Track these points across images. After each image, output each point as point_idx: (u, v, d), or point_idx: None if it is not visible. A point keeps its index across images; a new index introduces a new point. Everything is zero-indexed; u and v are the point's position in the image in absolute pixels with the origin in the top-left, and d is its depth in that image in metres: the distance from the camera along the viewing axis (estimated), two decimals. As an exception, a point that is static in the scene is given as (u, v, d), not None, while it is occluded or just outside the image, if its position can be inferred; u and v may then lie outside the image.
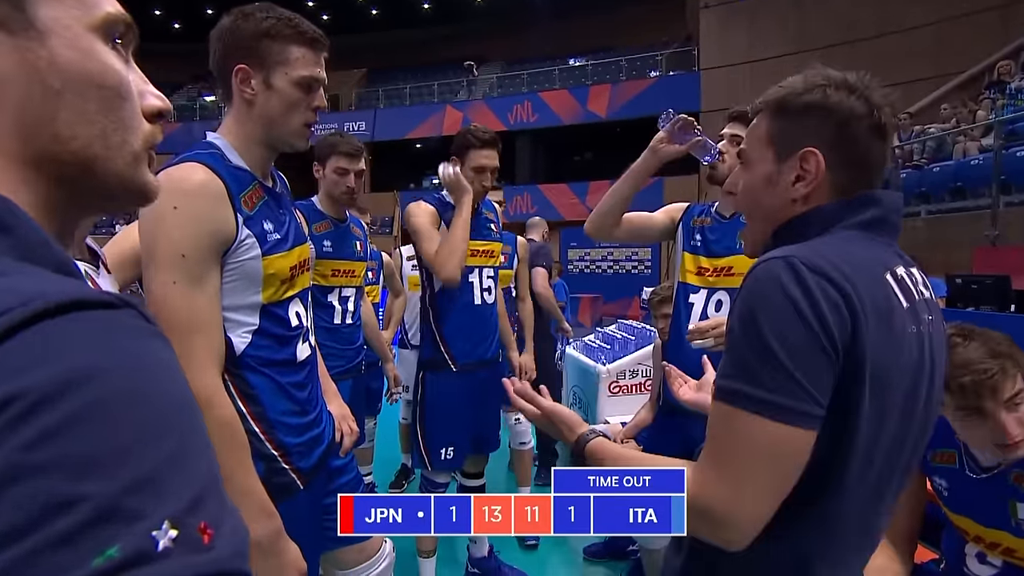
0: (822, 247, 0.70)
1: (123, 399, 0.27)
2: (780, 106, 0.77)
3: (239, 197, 1.04)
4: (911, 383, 0.70)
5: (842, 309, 0.64)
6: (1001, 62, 7.68)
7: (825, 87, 0.74)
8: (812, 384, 0.64)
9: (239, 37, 1.05)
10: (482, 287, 2.12)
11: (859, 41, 10.89)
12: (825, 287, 0.64)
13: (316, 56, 1.10)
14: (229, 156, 1.08)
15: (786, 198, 0.77)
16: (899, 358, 0.68)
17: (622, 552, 2.47)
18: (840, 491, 0.69)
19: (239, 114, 1.10)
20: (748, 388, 0.65)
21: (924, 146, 7.50)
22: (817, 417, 0.64)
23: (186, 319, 0.98)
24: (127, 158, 0.40)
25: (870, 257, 0.71)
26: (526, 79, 17.00)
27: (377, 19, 20.82)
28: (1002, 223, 5.67)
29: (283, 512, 1.05)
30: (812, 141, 0.74)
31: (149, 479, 0.26)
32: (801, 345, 0.63)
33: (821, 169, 0.74)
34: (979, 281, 3.69)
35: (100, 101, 0.38)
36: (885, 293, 0.68)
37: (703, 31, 13.97)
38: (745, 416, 0.65)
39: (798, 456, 0.65)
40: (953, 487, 1.24)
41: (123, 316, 0.31)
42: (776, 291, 0.65)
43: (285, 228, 1.14)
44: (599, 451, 0.82)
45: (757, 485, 0.65)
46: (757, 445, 0.64)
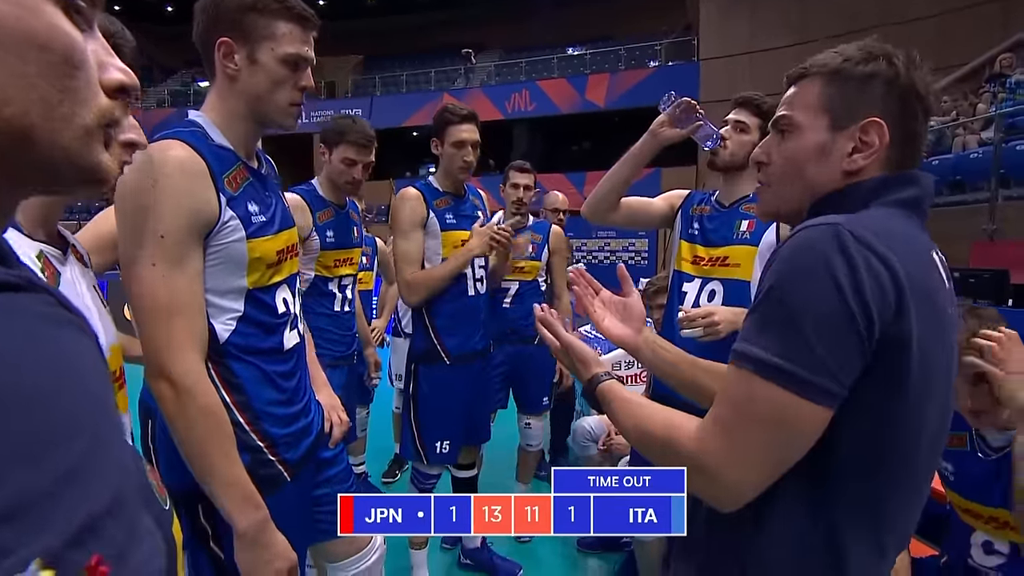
0: (868, 219, 0.66)
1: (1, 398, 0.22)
2: (839, 72, 0.73)
3: (222, 177, 1.01)
4: (948, 365, 0.69)
5: (886, 284, 0.61)
6: (1002, 55, 7.66)
7: (890, 57, 0.71)
8: (834, 360, 0.61)
9: (224, 9, 1.01)
10: (475, 277, 2.09)
11: (861, 32, 10.56)
12: (870, 260, 0.61)
13: (304, 34, 1.07)
14: (211, 134, 1.04)
15: (837, 169, 0.73)
16: (943, 337, 0.67)
17: (616, 544, 2.48)
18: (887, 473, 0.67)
19: (222, 90, 1.06)
20: (766, 354, 0.63)
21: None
22: (834, 395, 0.62)
23: (165, 302, 0.94)
24: (76, 131, 0.35)
25: (914, 235, 0.69)
26: (524, 67, 16.88)
27: (374, 5, 20.59)
28: (1000, 217, 5.67)
29: (270, 505, 1.03)
30: (875, 110, 0.71)
31: (17, 503, 0.21)
32: (831, 319, 0.61)
33: (885, 141, 0.71)
34: (977, 275, 3.70)
35: (42, 65, 0.33)
36: (931, 271, 0.67)
37: (703, 20, 13.87)
38: (759, 381, 0.63)
39: (806, 430, 0.63)
40: (961, 470, 1.24)
41: (28, 300, 0.27)
42: (816, 260, 0.62)
43: (272, 211, 1.11)
44: (608, 392, 0.81)
45: (758, 451, 0.64)
46: (766, 412, 0.63)
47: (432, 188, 2.05)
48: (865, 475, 0.66)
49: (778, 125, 0.78)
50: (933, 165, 7.08)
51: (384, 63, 19.55)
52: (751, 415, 0.64)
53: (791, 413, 0.62)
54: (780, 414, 0.62)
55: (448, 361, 2.07)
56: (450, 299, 2.06)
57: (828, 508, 0.67)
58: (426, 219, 2.01)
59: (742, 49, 12.95)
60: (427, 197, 2.02)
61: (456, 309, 2.07)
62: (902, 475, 0.68)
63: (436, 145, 2.03)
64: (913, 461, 0.68)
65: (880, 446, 0.66)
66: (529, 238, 2.67)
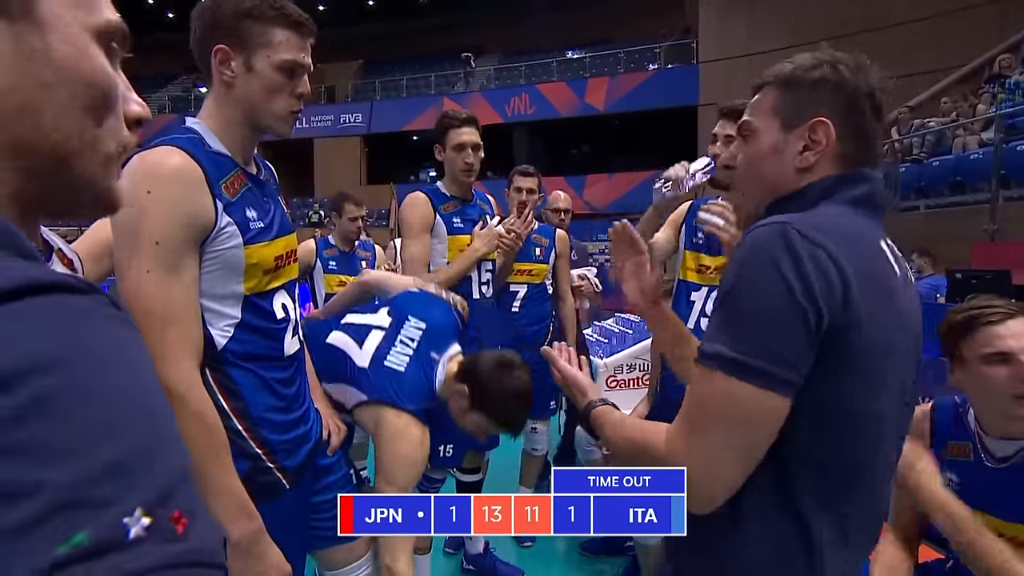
0: (816, 217, 0.71)
1: (83, 387, 0.27)
2: (789, 79, 0.80)
3: (219, 183, 1.00)
4: (903, 352, 0.72)
5: (832, 276, 0.65)
6: (1001, 56, 7.67)
7: (835, 63, 0.77)
8: (789, 352, 0.65)
9: (219, 16, 1.01)
10: (480, 280, 2.10)
11: (858, 34, 10.84)
12: (816, 254, 0.66)
13: (301, 40, 1.06)
14: (208, 141, 1.04)
15: (791, 167, 0.79)
16: (899, 324, 0.70)
17: (619, 548, 2.47)
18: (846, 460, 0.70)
19: (219, 97, 1.06)
20: (726, 351, 0.67)
21: (923, 140, 7.49)
22: (791, 384, 0.66)
23: (160, 309, 0.93)
24: (100, 159, 0.40)
25: (862, 228, 0.73)
26: (524, 71, 16.93)
27: (373, 10, 20.67)
28: (1001, 217, 5.67)
29: (269, 512, 1.02)
30: (823, 111, 0.76)
31: (118, 467, 0.26)
32: (782, 314, 0.65)
33: (832, 138, 0.76)
34: (979, 276, 3.69)
35: (87, 99, 0.38)
36: (881, 261, 0.71)
37: (702, 24, 13.92)
38: (721, 378, 0.67)
39: (768, 420, 0.67)
40: (967, 481, 1.22)
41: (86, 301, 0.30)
42: (765, 258, 0.66)
43: (270, 216, 1.10)
44: (600, 416, 0.88)
45: (728, 448, 0.67)
46: (731, 407, 0.66)
47: (440, 193, 2.07)
48: (826, 463, 0.70)
49: (741, 131, 0.85)
50: (933, 166, 7.09)
51: (384, 68, 19.62)
52: (716, 411, 0.68)
53: (753, 404, 0.66)
54: (743, 407, 0.66)
55: None
56: None
57: (795, 500, 0.70)
58: (433, 223, 2.03)
59: (740, 52, 12.99)
60: (434, 201, 2.03)
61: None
62: (862, 461, 0.72)
63: (439, 151, 2.05)
64: (872, 446, 0.72)
65: (837, 432, 0.69)
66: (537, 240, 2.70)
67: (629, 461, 0.81)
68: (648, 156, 14.27)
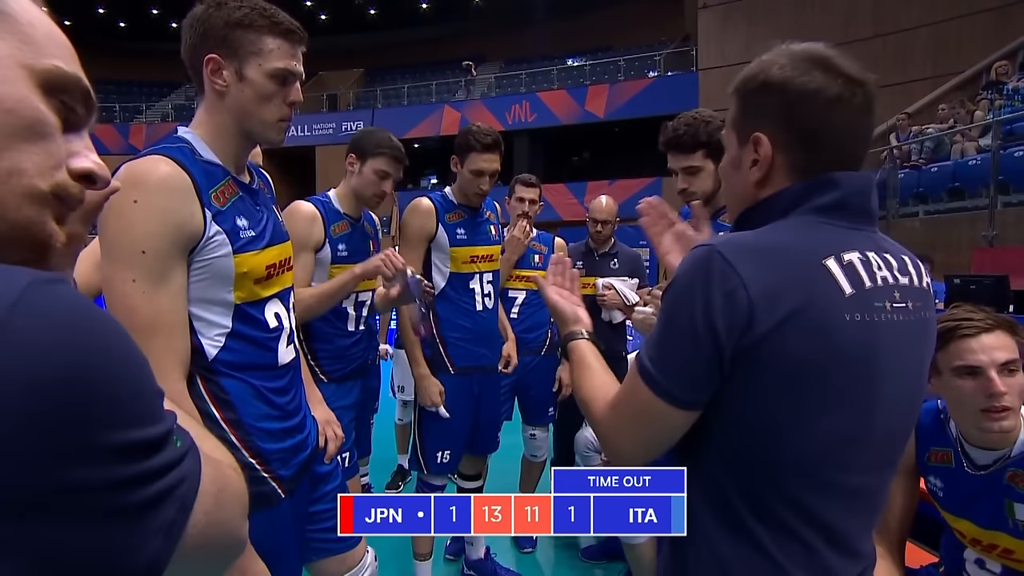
0: (754, 235, 0.72)
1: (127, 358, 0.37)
2: (739, 90, 0.78)
3: (208, 192, 1.00)
4: (854, 371, 0.68)
5: (739, 299, 0.66)
6: (998, 62, 7.70)
7: (778, 65, 0.73)
8: (687, 371, 0.70)
9: (211, 26, 1.02)
10: (483, 293, 2.09)
11: (856, 41, 10.90)
12: (728, 277, 0.67)
13: (292, 48, 1.06)
14: (199, 150, 1.04)
15: (748, 182, 0.78)
16: (826, 346, 0.67)
17: (619, 554, 2.46)
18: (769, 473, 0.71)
19: (211, 106, 1.06)
20: (645, 359, 0.73)
21: (922, 146, 7.51)
22: (683, 400, 0.71)
23: (146, 320, 0.93)
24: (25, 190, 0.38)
25: (809, 244, 0.70)
26: (524, 79, 16.99)
27: (375, 19, 20.78)
28: (1000, 223, 5.68)
29: (264, 522, 1.01)
30: (763, 123, 0.75)
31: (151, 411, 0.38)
32: (687, 334, 0.69)
33: (767, 153, 0.74)
34: (977, 281, 3.70)
35: (6, 127, 0.38)
36: (813, 281, 0.67)
37: (701, 31, 13.98)
38: (638, 380, 0.73)
39: (668, 425, 0.73)
40: (949, 487, 1.23)
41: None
42: (685, 282, 0.70)
43: (262, 225, 1.10)
44: (574, 350, 0.91)
45: (634, 432, 0.76)
46: (639, 406, 0.74)
47: (447, 200, 2.06)
48: (748, 475, 0.72)
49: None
50: (932, 172, 7.11)
51: (385, 76, 19.70)
52: (629, 403, 0.76)
53: (653, 409, 0.72)
54: (647, 408, 0.72)
55: (452, 371, 2.08)
56: (457, 314, 2.07)
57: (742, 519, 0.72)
58: (434, 233, 2.01)
59: (740, 59, 13.01)
60: (439, 210, 2.01)
61: (463, 323, 2.07)
62: (791, 475, 0.70)
63: (455, 163, 2.01)
64: (800, 461, 0.70)
65: (751, 447, 0.71)
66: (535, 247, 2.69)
67: (576, 399, 0.88)
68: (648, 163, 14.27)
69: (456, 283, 2.06)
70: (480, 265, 2.08)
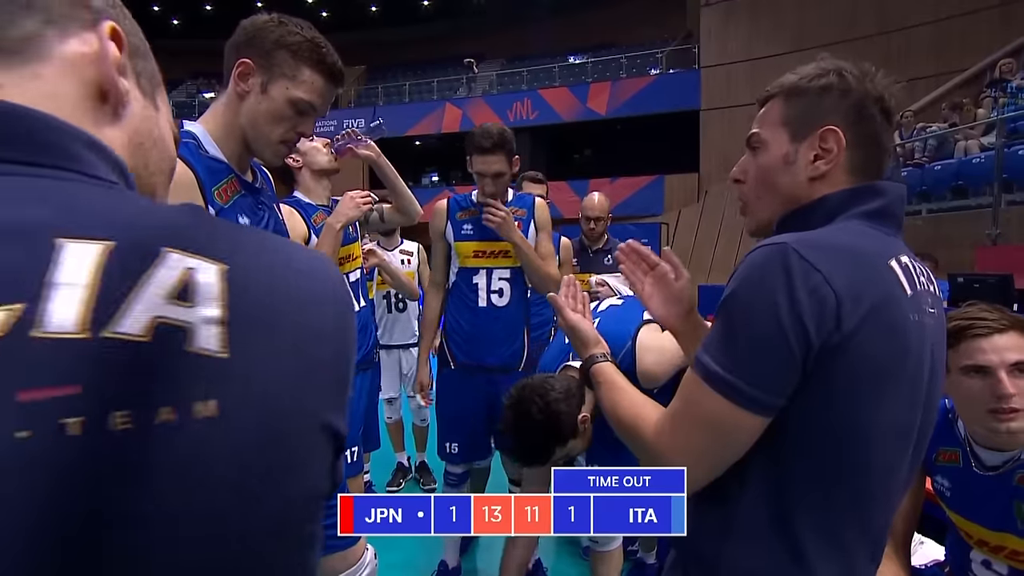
0: (823, 235, 0.72)
1: None
2: (795, 90, 0.80)
3: (212, 189, 1.01)
4: (913, 371, 0.71)
5: (826, 299, 0.65)
6: (1002, 60, 7.66)
7: (840, 71, 0.77)
8: (768, 375, 0.67)
9: (262, 38, 1.04)
10: (490, 289, 2.08)
11: (859, 39, 10.86)
12: (810, 276, 0.66)
13: (325, 87, 1.08)
14: (206, 146, 1.05)
15: (804, 177, 0.78)
16: (899, 345, 0.69)
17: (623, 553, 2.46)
18: (841, 476, 0.70)
19: (229, 103, 1.07)
20: (713, 364, 0.69)
21: (925, 144, 7.48)
22: (767, 405, 0.68)
23: None
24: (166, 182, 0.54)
25: (872, 245, 0.72)
26: (526, 76, 16.96)
27: (376, 16, 20.77)
28: (1004, 222, 5.66)
29: None
30: (831, 119, 0.76)
31: None
32: (766, 337, 0.66)
33: (842, 145, 0.76)
34: (981, 280, 3.69)
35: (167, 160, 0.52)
36: (885, 280, 0.70)
37: (703, 29, 13.93)
38: (704, 387, 0.70)
39: (743, 435, 0.70)
40: (956, 487, 1.23)
41: None
42: (761, 280, 0.68)
43: (263, 224, 1.11)
44: (599, 373, 0.89)
45: (700, 447, 0.71)
46: (706, 415, 0.70)
47: (466, 199, 2.12)
48: (818, 481, 0.70)
49: (750, 143, 0.84)
50: (935, 170, 7.08)
51: (387, 73, 19.68)
52: (696, 416, 0.71)
53: (728, 418, 0.68)
54: (718, 418, 0.69)
55: (453, 366, 2.09)
56: (461, 308, 2.08)
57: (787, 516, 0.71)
58: (444, 230, 2.09)
59: (742, 57, 13.00)
60: (451, 208, 2.10)
61: (465, 318, 2.08)
62: (856, 482, 0.71)
63: (469, 164, 2.07)
64: (868, 466, 0.71)
65: (827, 451, 0.70)
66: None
67: (610, 422, 0.84)
68: (651, 161, 14.27)
69: (462, 277, 2.10)
70: (487, 260, 2.07)
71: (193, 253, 0.30)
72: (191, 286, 0.29)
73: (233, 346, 0.29)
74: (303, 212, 1.88)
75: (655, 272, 1.03)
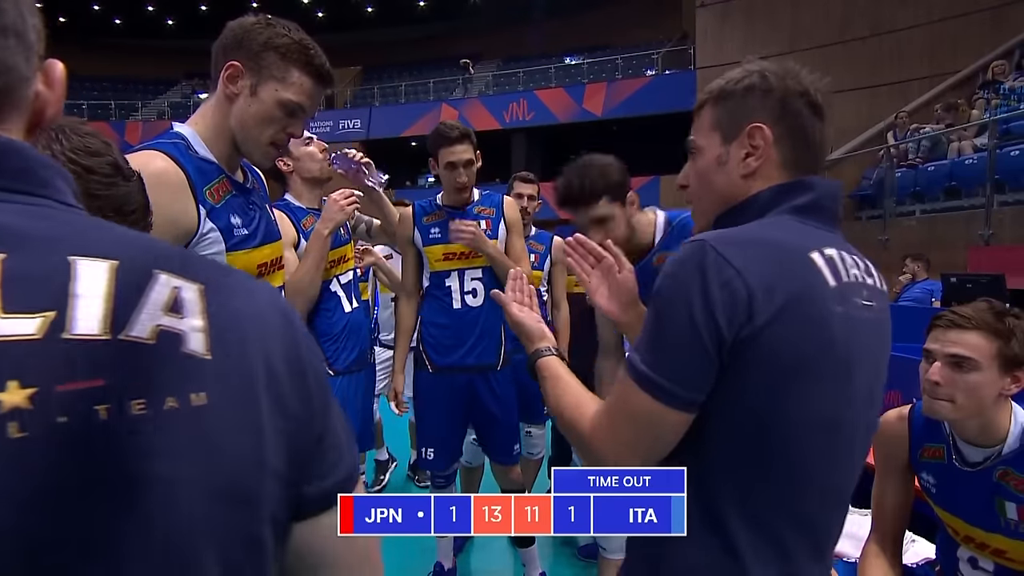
0: (743, 231, 0.74)
1: None
2: (722, 94, 0.82)
3: (203, 189, 1.01)
4: (839, 363, 0.71)
5: (736, 290, 0.67)
6: (995, 62, 7.72)
7: (763, 71, 0.80)
8: (686, 370, 0.69)
9: (250, 41, 1.03)
10: (463, 290, 2.07)
11: (853, 41, 10.93)
12: (724, 269, 0.67)
13: (314, 89, 1.08)
14: (196, 147, 1.04)
15: (737, 175, 0.80)
16: (819, 337, 0.69)
17: (619, 551, 2.47)
18: (763, 469, 0.71)
19: (218, 105, 1.07)
20: (639, 362, 0.71)
21: (918, 145, 7.54)
22: (688, 401, 0.70)
23: None
24: None
25: (794, 239, 0.73)
26: (522, 77, 16.98)
27: (372, 16, 20.74)
28: (996, 222, 5.70)
29: None
30: (757, 117, 0.79)
31: None
32: (682, 333, 0.68)
33: (768, 140, 0.78)
34: (974, 280, 3.71)
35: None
36: (804, 273, 0.71)
37: (699, 30, 13.98)
38: (632, 385, 0.72)
39: (668, 430, 0.72)
40: (941, 483, 1.24)
41: None
42: (679, 278, 0.70)
43: (254, 224, 1.11)
44: (544, 368, 0.89)
45: (630, 441, 0.73)
46: (636, 413, 0.72)
47: (431, 204, 2.10)
48: (740, 472, 0.72)
49: (688, 150, 0.87)
50: (928, 171, 7.13)
51: (383, 74, 19.67)
52: (625, 412, 0.74)
53: (653, 414, 0.71)
54: (645, 415, 0.71)
55: (431, 370, 2.08)
56: (435, 310, 2.07)
57: (718, 512, 0.72)
58: (411, 235, 2.07)
59: (737, 58, 12.80)
60: (417, 214, 2.08)
61: (440, 320, 2.07)
62: (789, 473, 0.72)
63: (433, 165, 2.05)
64: (790, 456, 0.71)
65: (750, 443, 0.71)
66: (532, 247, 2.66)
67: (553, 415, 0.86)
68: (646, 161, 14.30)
69: (435, 281, 2.10)
70: (457, 262, 2.06)
71: (176, 274, 0.38)
72: (179, 301, 0.37)
73: (214, 349, 0.37)
74: (292, 216, 1.86)
75: (602, 265, 1.05)
